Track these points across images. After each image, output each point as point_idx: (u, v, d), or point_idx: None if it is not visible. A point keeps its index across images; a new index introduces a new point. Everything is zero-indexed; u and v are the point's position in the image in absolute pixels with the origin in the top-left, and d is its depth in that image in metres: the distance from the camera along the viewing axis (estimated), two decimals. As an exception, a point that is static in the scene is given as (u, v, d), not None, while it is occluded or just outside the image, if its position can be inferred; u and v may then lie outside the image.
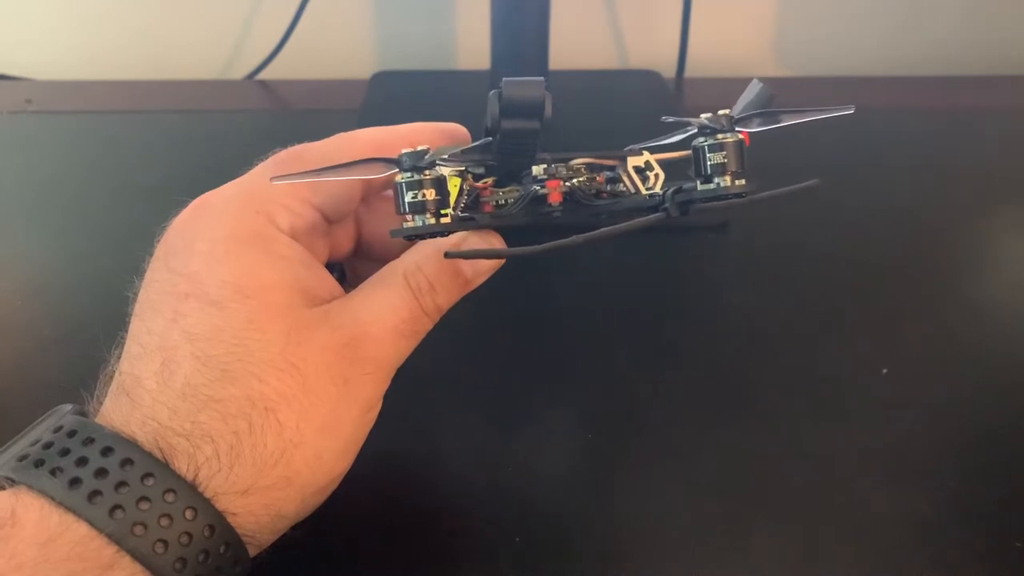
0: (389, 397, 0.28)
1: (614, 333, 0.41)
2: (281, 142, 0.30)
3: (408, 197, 0.25)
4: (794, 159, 0.57)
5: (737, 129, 0.26)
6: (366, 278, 0.29)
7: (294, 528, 0.27)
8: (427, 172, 0.25)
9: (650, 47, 0.73)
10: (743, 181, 0.26)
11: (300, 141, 0.30)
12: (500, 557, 0.30)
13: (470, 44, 0.72)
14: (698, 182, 0.27)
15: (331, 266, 0.31)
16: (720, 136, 0.26)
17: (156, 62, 0.72)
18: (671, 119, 0.27)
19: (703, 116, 0.26)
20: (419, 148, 0.25)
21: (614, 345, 0.41)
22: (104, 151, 0.58)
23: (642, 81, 0.67)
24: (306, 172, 0.25)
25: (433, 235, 0.26)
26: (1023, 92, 0.68)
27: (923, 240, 0.48)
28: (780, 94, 0.28)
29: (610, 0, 0.72)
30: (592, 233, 0.27)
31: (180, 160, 0.56)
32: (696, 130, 0.27)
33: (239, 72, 0.72)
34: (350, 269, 0.33)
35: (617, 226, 0.27)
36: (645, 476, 0.34)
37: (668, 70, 0.70)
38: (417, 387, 0.38)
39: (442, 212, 0.25)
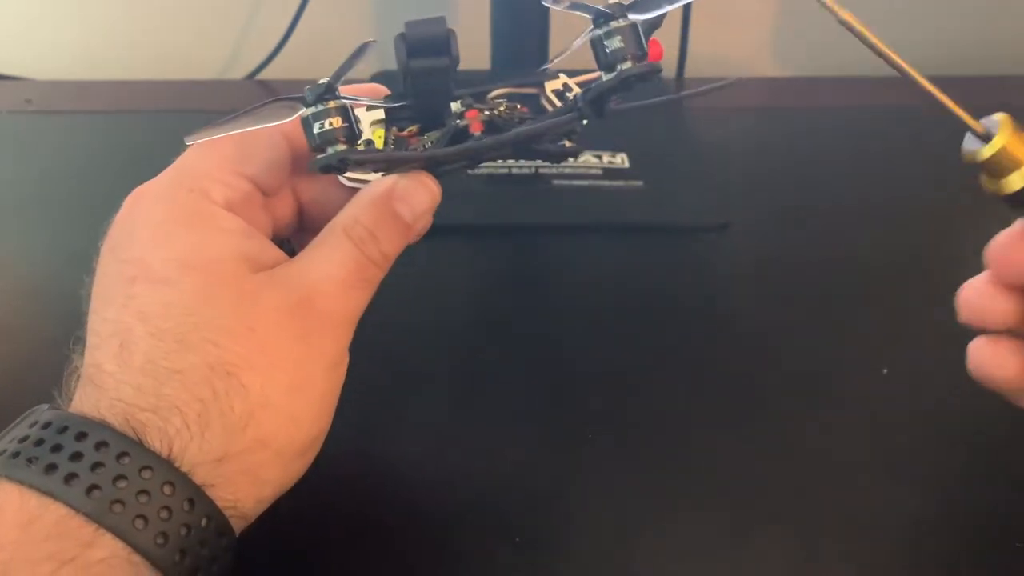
0: (388, 397, 0.28)
1: (615, 333, 0.41)
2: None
3: (315, 128, 0.25)
4: (793, 159, 0.57)
5: (638, 18, 0.26)
6: None
7: (292, 527, 0.27)
8: (331, 102, 0.25)
9: (650, 47, 0.73)
10: (646, 64, 0.26)
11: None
12: (500, 557, 0.30)
13: (470, 44, 0.72)
14: (602, 74, 0.26)
15: (280, 243, 0.31)
16: (614, 23, 0.26)
17: (156, 62, 0.72)
18: (564, 5, 0.27)
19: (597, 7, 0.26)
20: (320, 81, 0.25)
21: (615, 345, 0.40)
22: (104, 151, 0.58)
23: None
24: (216, 126, 0.26)
25: (344, 162, 0.26)
26: (1023, 92, 0.68)
27: (923, 240, 0.48)
28: (779, 94, 0.28)
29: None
30: (501, 136, 0.27)
31: (180, 160, 0.56)
32: (592, 26, 0.26)
33: (239, 72, 0.71)
34: (298, 244, 0.33)
35: (527, 127, 0.27)
36: (645, 476, 0.34)
37: (668, 70, 0.70)
38: (417, 387, 0.38)
39: (352, 140, 0.25)
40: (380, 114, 0.28)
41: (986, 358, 0.27)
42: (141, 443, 0.24)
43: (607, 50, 0.26)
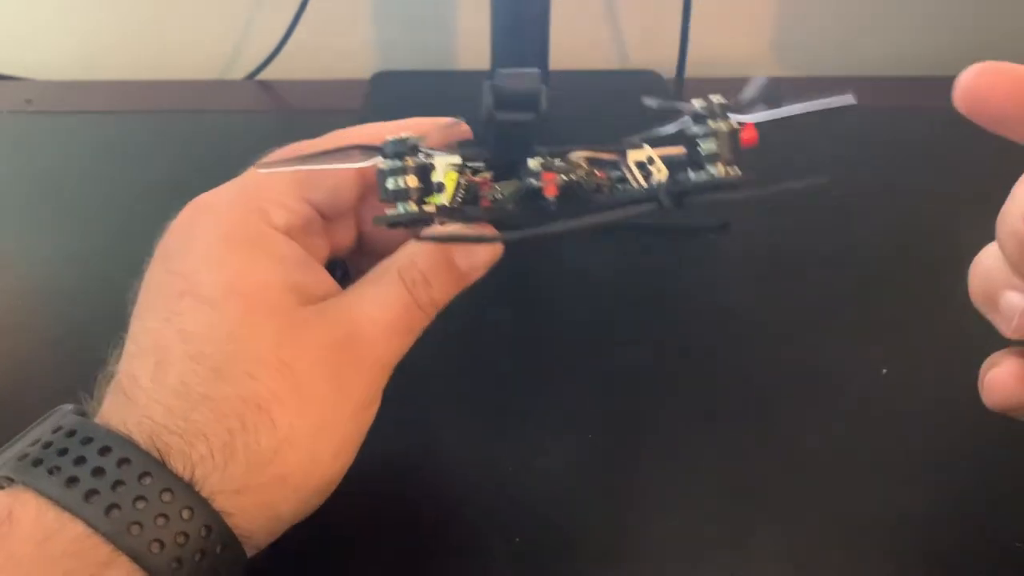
0: (387, 395, 0.28)
1: (614, 332, 0.41)
2: (281, 142, 0.30)
3: (389, 184, 0.25)
4: (794, 159, 0.57)
5: (737, 120, 0.26)
6: None
7: (293, 528, 0.27)
8: (409, 159, 0.25)
9: (650, 47, 0.73)
10: (737, 170, 0.26)
11: (300, 141, 0.30)
12: (500, 557, 0.30)
13: (470, 44, 0.72)
14: (690, 172, 0.26)
15: (334, 263, 0.31)
16: (712, 123, 0.25)
17: (156, 62, 0.72)
18: (656, 103, 0.26)
19: (695, 102, 0.26)
20: (403, 135, 0.25)
21: (615, 344, 0.40)
22: (104, 151, 0.58)
23: (642, 81, 0.67)
24: (291, 160, 0.26)
25: (415, 223, 0.26)
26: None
27: (923, 240, 0.48)
28: (779, 94, 0.28)
29: (610, 0, 0.72)
30: (578, 221, 0.26)
31: (180, 160, 0.56)
32: (690, 118, 0.26)
33: (239, 72, 0.72)
34: (353, 266, 0.33)
35: (605, 214, 0.26)
36: (645, 476, 0.34)
37: (668, 70, 0.70)
38: (416, 386, 0.38)
39: (425, 200, 0.25)
40: (456, 157, 0.28)
41: (1001, 387, 0.27)
42: (164, 464, 0.24)
43: (700, 150, 0.25)
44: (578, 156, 0.28)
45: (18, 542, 0.22)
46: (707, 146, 0.25)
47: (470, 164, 0.28)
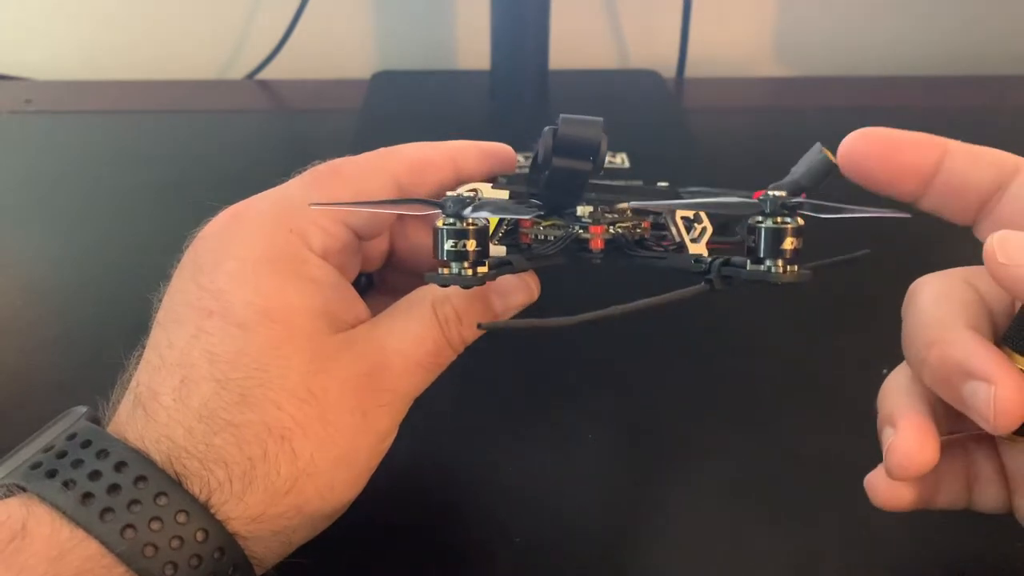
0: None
1: (614, 334, 0.41)
2: (281, 142, 0.30)
3: (448, 245, 0.24)
4: (793, 159, 0.57)
5: (796, 213, 0.25)
6: (394, 288, 0.29)
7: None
8: (470, 220, 0.24)
9: (650, 47, 0.73)
10: (796, 268, 0.25)
11: (300, 141, 0.29)
12: (500, 557, 0.30)
13: (470, 44, 0.72)
14: (748, 261, 0.26)
15: (359, 274, 0.31)
16: (775, 220, 0.25)
17: (156, 62, 0.72)
18: (735, 198, 0.26)
19: (765, 194, 0.26)
20: (464, 195, 0.24)
21: (615, 346, 0.40)
22: (104, 151, 0.58)
23: (642, 81, 0.67)
24: (345, 204, 0.25)
25: (468, 287, 0.25)
26: (1023, 92, 0.68)
27: (923, 239, 0.48)
28: (779, 94, 0.28)
29: (610, 0, 0.72)
30: (630, 305, 0.26)
31: (180, 160, 0.56)
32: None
33: (239, 72, 0.72)
34: (379, 277, 0.33)
35: (657, 298, 0.26)
36: (645, 476, 0.34)
37: (668, 70, 0.70)
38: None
39: (479, 263, 0.24)
40: (504, 192, 0.28)
41: (884, 495, 0.28)
42: (180, 485, 0.24)
43: (762, 244, 0.25)
44: (626, 208, 0.28)
45: (31, 557, 0.22)
46: (768, 241, 0.25)
47: (514, 197, 0.28)
